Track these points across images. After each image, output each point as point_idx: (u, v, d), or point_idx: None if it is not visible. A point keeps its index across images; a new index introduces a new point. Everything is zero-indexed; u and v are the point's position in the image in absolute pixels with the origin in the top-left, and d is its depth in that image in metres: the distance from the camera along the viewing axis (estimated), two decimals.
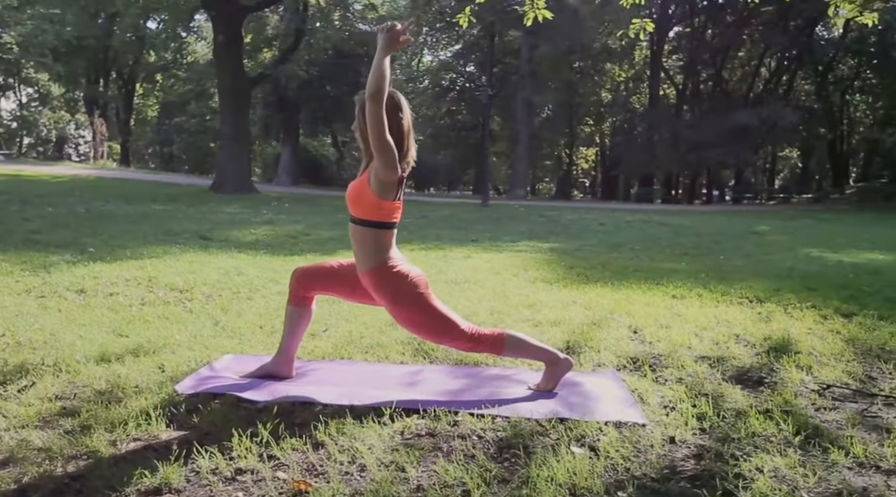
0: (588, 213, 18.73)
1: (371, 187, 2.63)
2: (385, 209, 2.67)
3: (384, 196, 2.64)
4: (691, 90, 34.41)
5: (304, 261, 6.83)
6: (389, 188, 2.63)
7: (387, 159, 2.55)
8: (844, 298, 5.55)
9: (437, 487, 1.93)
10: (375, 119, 2.50)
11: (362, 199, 2.67)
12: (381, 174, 2.59)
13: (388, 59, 2.55)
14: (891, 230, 16.60)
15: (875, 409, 2.80)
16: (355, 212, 2.71)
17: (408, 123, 2.68)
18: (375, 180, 2.61)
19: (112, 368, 2.87)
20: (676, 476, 2.06)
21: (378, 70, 2.50)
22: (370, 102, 2.49)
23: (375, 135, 2.52)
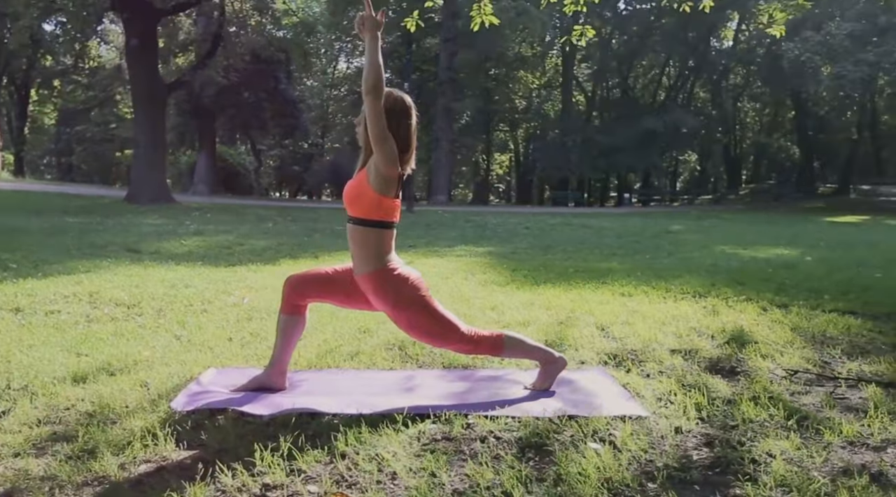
0: (510, 217, 19.09)
1: (371, 184, 2.60)
2: (386, 207, 2.64)
3: (385, 192, 2.61)
4: (600, 97, 35.75)
5: (249, 271, 6.63)
6: (390, 184, 2.61)
7: (387, 153, 2.53)
8: (773, 291, 5.92)
9: (475, 491, 1.93)
10: (376, 113, 2.48)
11: (362, 198, 2.63)
12: (382, 169, 2.56)
13: (380, 51, 2.53)
14: (787, 227, 17.83)
15: (841, 391, 3.01)
16: (355, 211, 2.66)
17: (414, 128, 2.66)
18: (376, 176, 2.58)
19: (91, 388, 2.70)
20: (695, 464, 2.14)
21: (374, 64, 2.49)
22: (371, 97, 2.48)
23: (376, 129, 2.50)
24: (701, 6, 6.11)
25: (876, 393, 2.93)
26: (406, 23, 5.93)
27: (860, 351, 3.75)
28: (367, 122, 2.52)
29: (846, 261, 8.98)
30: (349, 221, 2.70)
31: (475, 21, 5.88)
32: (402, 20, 22.67)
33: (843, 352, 3.73)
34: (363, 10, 2.58)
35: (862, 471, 2.10)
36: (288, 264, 7.30)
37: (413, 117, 2.66)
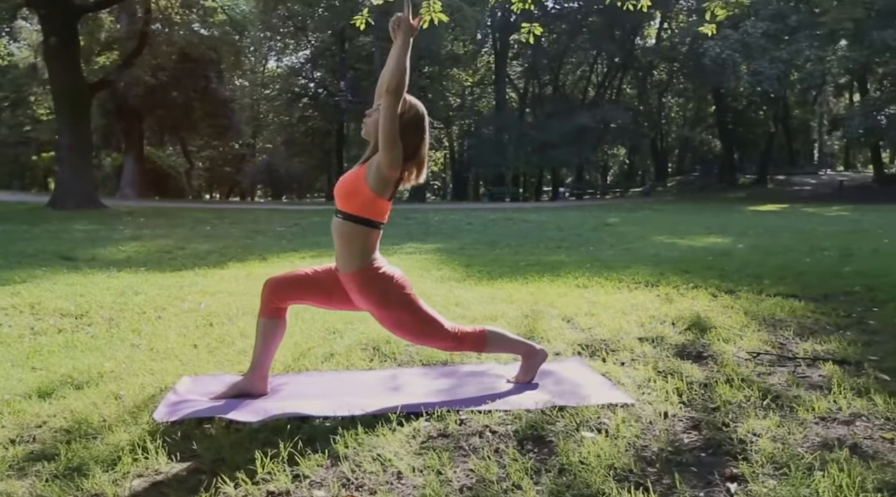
0: (451, 213, 19.17)
1: (368, 182, 2.57)
2: (378, 207, 2.61)
3: (381, 193, 2.58)
4: (532, 94, 36.31)
5: (197, 276, 6.43)
6: (388, 186, 2.59)
7: (394, 155, 2.51)
8: (717, 278, 6.15)
9: (483, 485, 1.94)
10: (391, 113, 2.48)
11: (358, 194, 2.59)
12: (385, 169, 2.53)
13: (408, 55, 2.53)
14: (715, 217, 18.60)
15: (801, 370, 3.17)
16: (347, 206, 2.61)
17: (425, 140, 2.65)
18: (376, 175, 2.55)
19: (61, 403, 2.56)
20: (687, 447, 2.21)
21: (400, 66, 2.50)
22: (390, 97, 2.47)
23: (388, 129, 2.48)
24: (640, 5, 6.28)
25: (833, 370, 3.10)
26: (356, 20, 5.85)
27: (809, 331, 3.95)
28: (381, 121, 2.50)
29: (775, 247, 9.44)
30: (338, 215, 2.65)
31: (425, 19, 5.85)
32: (334, 19, 22.47)
33: (794, 333, 3.92)
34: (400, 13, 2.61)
35: (840, 444, 2.22)
36: (236, 268, 7.12)
37: (426, 129, 2.65)
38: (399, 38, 2.56)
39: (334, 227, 2.67)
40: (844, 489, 1.84)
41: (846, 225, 14.97)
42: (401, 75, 2.50)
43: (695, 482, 1.95)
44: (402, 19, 2.58)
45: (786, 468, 2.01)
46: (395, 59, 2.53)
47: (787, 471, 1.99)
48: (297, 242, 10.12)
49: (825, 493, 1.84)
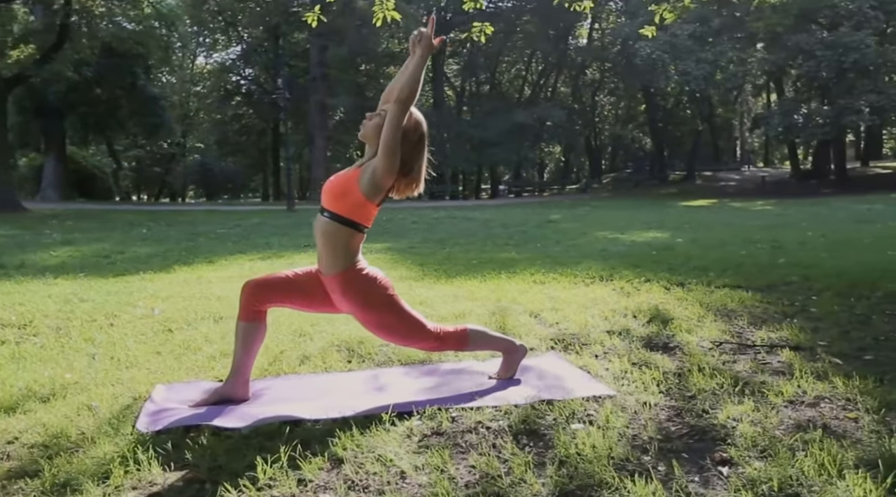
0: (394, 212, 19.11)
1: (361, 186, 2.56)
2: (367, 211, 2.61)
3: (371, 198, 2.58)
4: (470, 92, 36.56)
5: (143, 280, 6.20)
6: (379, 192, 2.59)
7: (392, 162, 2.52)
8: (665, 271, 6.38)
9: (489, 480, 1.96)
10: (398, 121, 2.51)
11: (348, 196, 2.57)
12: (380, 175, 2.54)
13: (423, 69, 2.59)
14: (651, 212, 19.23)
15: (761, 357, 3.32)
16: (335, 207, 2.58)
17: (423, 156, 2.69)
18: (370, 179, 2.54)
19: (30, 418, 2.44)
20: (674, 434, 2.29)
21: (416, 79, 2.54)
22: (399, 105, 2.50)
23: (391, 135, 2.50)
24: (583, 6, 6.40)
25: (791, 356, 3.27)
26: (308, 17, 5.77)
27: (760, 320, 4.15)
28: (386, 127, 2.51)
29: (712, 241, 9.83)
30: (324, 214, 2.62)
31: (377, 16, 5.81)
32: (267, 16, 21.91)
33: (748, 322, 4.10)
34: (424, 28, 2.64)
35: (812, 426, 2.34)
36: (184, 271, 6.90)
37: (425, 146, 2.69)
38: (418, 53, 2.60)
39: (319, 226, 2.64)
40: (827, 467, 1.95)
41: (772, 219, 15.72)
42: (415, 87, 2.55)
43: (688, 467, 2.03)
44: (424, 36, 2.62)
45: (769, 450, 2.12)
46: (411, 72, 2.57)
47: (771, 453, 2.10)
48: (242, 244, 9.88)
49: (809, 471, 1.94)
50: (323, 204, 2.64)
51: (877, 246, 8.39)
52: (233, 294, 5.22)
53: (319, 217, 2.64)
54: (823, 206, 19.64)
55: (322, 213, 2.63)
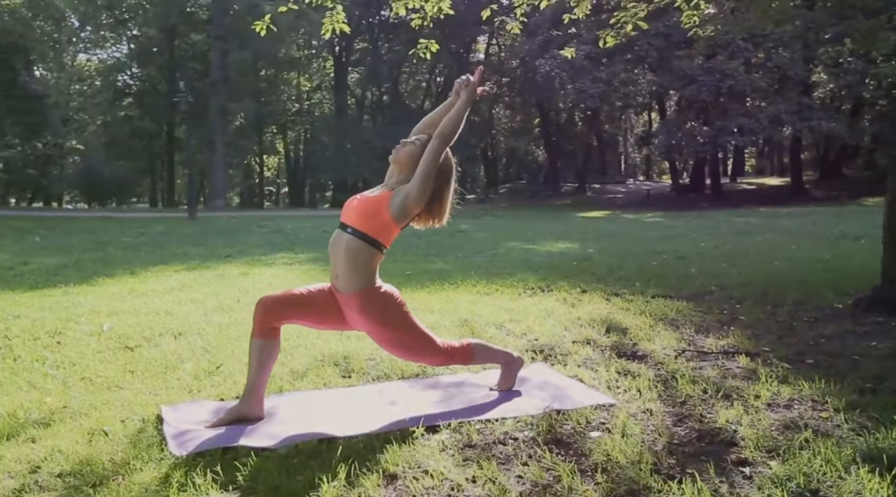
0: (301, 221, 18.80)
1: (391, 208, 2.61)
2: (392, 233, 2.67)
3: (399, 221, 2.64)
4: (372, 102, 36.50)
5: (67, 294, 5.82)
6: (407, 216, 2.67)
7: (425, 190, 2.62)
8: (595, 282, 6.73)
9: (542, 490, 2.07)
10: (437, 154, 2.64)
11: (377, 216, 2.62)
12: (411, 201, 2.63)
13: (467, 112, 2.74)
14: (553, 223, 20.01)
15: (722, 363, 3.63)
16: (363, 225, 2.61)
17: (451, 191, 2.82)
18: (401, 203, 2.60)
19: (42, 445, 2.29)
20: (687, 439, 2.49)
21: (459, 119, 2.69)
22: (440, 141, 2.64)
23: (429, 166, 2.61)
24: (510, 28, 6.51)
25: (747, 362, 3.59)
26: (256, 26, 5.64)
27: (703, 329, 4.50)
28: (425, 158, 2.63)
29: (621, 251, 10.38)
30: (347, 231, 2.64)
31: (326, 28, 5.79)
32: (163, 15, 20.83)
33: (694, 331, 4.43)
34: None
35: (798, 427, 2.62)
36: (109, 284, 6.52)
37: (453, 181, 2.82)
38: (463, 97, 2.74)
39: (340, 243, 2.66)
40: (835, 463, 2.21)
41: (665, 230, 16.76)
42: (457, 128, 2.69)
43: (713, 469, 2.23)
44: (471, 83, 2.76)
45: (776, 451, 2.36)
46: (458, 112, 2.72)
47: (779, 453, 2.34)
48: (157, 255, 9.42)
49: (821, 468, 2.19)
50: (346, 221, 2.67)
51: (764, 257, 9.20)
52: (179, 309, 5.05)
53: (342, 234, 2.67)
54: (706, 218, 21.16)
55: (345, 230, 2.66)
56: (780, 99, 25.84)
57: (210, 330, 4.31)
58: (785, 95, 26.15)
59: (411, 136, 2.85)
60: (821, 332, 4.37)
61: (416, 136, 2.83)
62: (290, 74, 33.18)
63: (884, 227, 5.19)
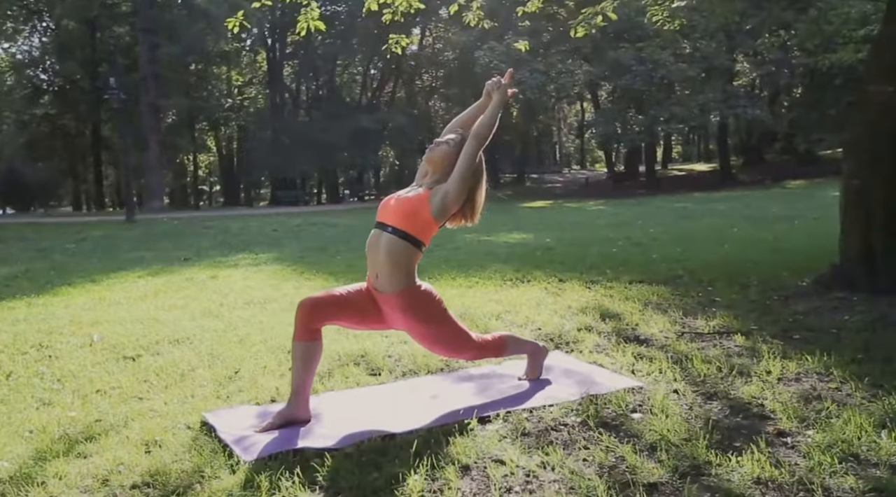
0: (246, 220, 18.38)
1: (431, 207, 2.64)
2: (431, 232, 2.71)
3: (438, 219, 2.68)
4: (309, 96, 35.90)
5: (33, 306, 5.56)
6: (446, 215, 2.72)
7: (463, 189, 2.68)
8: (568, 270, 6.89)
9: (612, 471, 2.16)
10: (473, 155, 2.69)
11: (418, 215, 2.65)
12: (450, 200, 2.67)
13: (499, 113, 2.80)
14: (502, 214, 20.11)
15: (721, 343, 3.82)
16: (403, 224, 2.64)
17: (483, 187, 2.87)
18: (441, 202, 2.63)
19: (102, 458, 2.24)
20: (723, 415, 2.63)
21: (493, 120, 2.75)
22: (476, 141, 2.70)
23: (466, 166, 2.67)
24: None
25: (743, 341, 3.79)
26: (229, 23, 5.52)
27: (688, 311, 4.69)
28: (462, 158, 2.69)
29: (577, 240, 10.62)
30: (387, 231, 2.66)
31: (301, 26, 5.72)
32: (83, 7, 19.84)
33: (682, 314, 4.63)
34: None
35: (814, 398, 2.81)
36: (73, 293, 6.25)
37: (483, 181, 2.87)
38: (495, 99, 2.82)
39: (379, 243, 2.68)
40: (867, 429, 2.39)
41: (610, 218, 17.24)
42: (492, 128, 2.76)
43: (757, 441, 2.37)
44: (502, 86, 2.84)
45: (806, 421, 2.53)
46: (492, 114, 2.78)
47: (811, 423, 2.51)
48: (111, 260, 9.06)
49: (854, 434, 2.36)
50: (385, 221, 2.69)
51: (712, 241, 9.61)
52: (165, 316, 4.92)
53: (381, 233, 2.69)
54: (646, 205, 21.86)
55: (384, 230, 2.68)
56: (708, 88, 26.94)
57: (207, 336, 4.22)
58: (712, 84, 27.27)
59: (443, 136, 2.89)
60: (795, 309, 4.64)
61: (448, 136, 2.87)
62: (220, 69, 32.23)
63: (840, 208, 5.52)
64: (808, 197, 19.55)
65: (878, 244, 5.15)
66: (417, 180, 2.91)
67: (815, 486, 1.97)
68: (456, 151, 2.77)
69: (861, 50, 11.81)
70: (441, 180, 2.75)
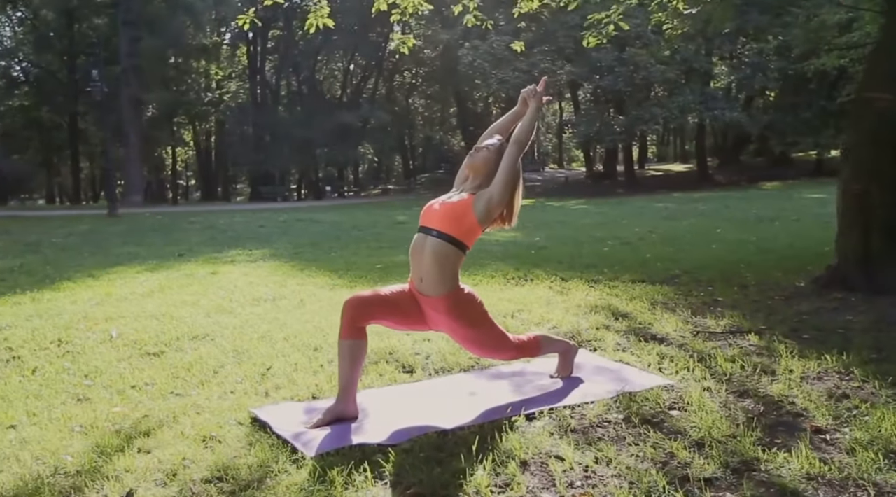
0: (231, 216, 18.23)
1: (476, 211, 2.70)
2: (475, 235, 2.77)
3: (483, 223, 2.74)
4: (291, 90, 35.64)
5: (38, 302, 5.53)
6: (490, 218, 2.78)
7: (506, 193, 2.75)
8: (567, 269, 6.99)
9: (664, 466, 2.24)
10: (515, 159, 2.78)
11: (464, 220, 2.69)
12: (494, 204, 2.74)
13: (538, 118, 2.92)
14: None
15: (736, 342, 3.92)
16: (449, 229, 2.69)
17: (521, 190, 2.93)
18: (485, 207, 2.69)
19: (164, 453, 2.26)
20: (757, 413, 2.73)
21: (532, 126, 2.86)
22: (517, 147, 2.79)
23: (510, 170, 2.74)
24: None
25: (757, 340, 3.90)
26: (240, 20, 5.49)
27: (696, 311, 4.80)
28: (505, 163, 2.76)
29: (568, 240, 10.73)
30: (433, 235, 2.71)
31: (310, 23, 5.71)
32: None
33: (691, 313, 4.74)
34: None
35: (840, 396, 2.91)
36: (75, 288, 6.18)
37: (521, 186, 2.92)
38: (532, 106, 2.94)
39: (425, 247, 2.72)
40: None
41: (595, 217, 17.41)
42: (531, 134, 2.85)
43: (797, 437, 2.47)
44: (538, 93, 2.94)
45: (840, 418, 2.63)
46: (530, 120, 2.90)
47: (845, 420, 2.61)
48: (104, 255, 8.95)
49: (891, 432, 2.45)
50: (430, 225, 2.74)
51: (699, 241, 9.80)
52: (177, 312, 4.92)
53: (427, 238, 2.73)
54: (627, 204, 22.11)
55: (430, 234, 2.73)
56: (688, 89, 27.34)
57: (226, 332, 4.23)
58: (691, 86, 27.69)
59: (482, 142, 2.95)
60: (798, 309, 4.77)
61: (487, 141, 2.93)
62: (199, 62, 31.84)
63: (838, 211, 5.68)
64: (785, 198, 19.94)
65: (875, 247, 5.33)
66: (457, 185, 2.97)
67: (865, 483, 2.07)
68: (496, 156, 2.84)
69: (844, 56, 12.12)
70: (483, 185, 2.81)
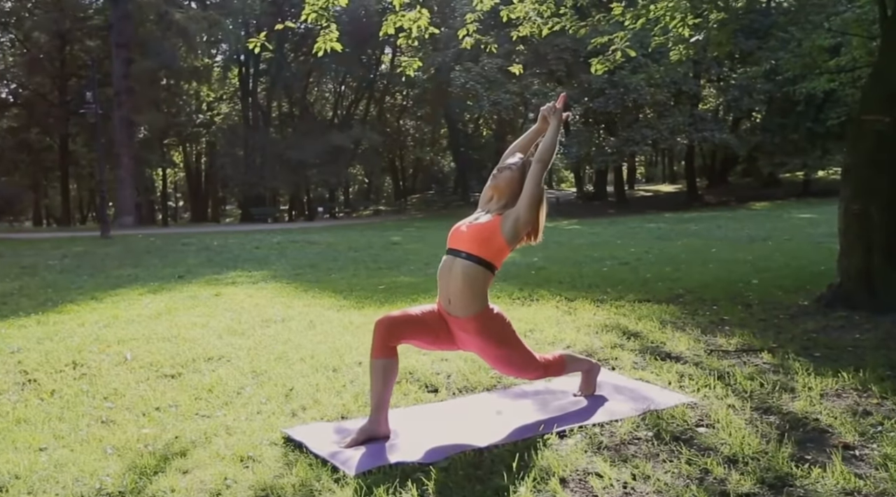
0: (225, 237, 18.16)
1: (504, 232, 2.73)
2: (503, 255, 2.80)
3: (511, 243, 2.77)
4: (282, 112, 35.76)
5: (44, 324, 5.48)
6: (518, 238, 2.82)
7: (532, 212, 2.79)
8: (571, 289, 7.02)
9: (700, 482, 2.26)
10: (539, 178, 2.81)
11: (493, 241, 2.73)
12: (522, 224, 2.78)
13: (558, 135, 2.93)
14: None
15: (750, 360, 3.96)
16: (478, 250, 2.72)
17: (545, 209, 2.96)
18: (513, 227, 2.73)
19: (203, 473, 2.25)
20: (783, 429, 2.76)
21: (554, 143, 2.88)
22: (541, 165, 2.82)
23: (535, 191, 2.78)
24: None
25: (770, 358, 3.95)
26: (251, 43, 5.54)
27: (705, 330, 4.84)
28: (529, 183, 2.80)
29: (566, 259, 10.75)
30: (462, 257, 2.74)
31: (318, 47, 5.76)
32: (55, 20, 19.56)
33: (701, 332, 4.79)
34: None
35: (863, 413, 2.95)
36: (81, 311, 6.13)
37: (545, 203, 2.95)
38: (552, 124, 2.96)
39: (454, 268, 2.75)
40: None
41: (589, 237, 17.49)
42: (552, 150, 2.89)
43: (826, 452, 2.50)
44: (557, 110, 2.97)
45: (867, 434, 2.67)
46: (551, 138, 2.92)
47: (871, 436, 2.65)
48: (104, 277, 8.89)
49: None
50: (458, 247, 2.78)
51: (696, 260, 9.86)
52: (189, 333, 4.91)
53: (455, 259, 2.77)
54: (619, 225, 22.24)
55: (458, 256, 2.76)
56: (677, 111, 27.72)
57: (241, 354, 4.22)
58: (680, 108, 28.08)
59: (503, 162, 2.99)
60: (805, 327, 4.82)
61: (509, 160, 2.97)
62: (191, 84, 31.94)
63: (839, 231, 5.77)
64: (775, 218, 20.16)
65: (877, 265, 5.41)
66: (482, 206, 3.00)
67: None
68: (519, 175, 2.88)
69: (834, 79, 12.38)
70: (508, 204, 2.85)
